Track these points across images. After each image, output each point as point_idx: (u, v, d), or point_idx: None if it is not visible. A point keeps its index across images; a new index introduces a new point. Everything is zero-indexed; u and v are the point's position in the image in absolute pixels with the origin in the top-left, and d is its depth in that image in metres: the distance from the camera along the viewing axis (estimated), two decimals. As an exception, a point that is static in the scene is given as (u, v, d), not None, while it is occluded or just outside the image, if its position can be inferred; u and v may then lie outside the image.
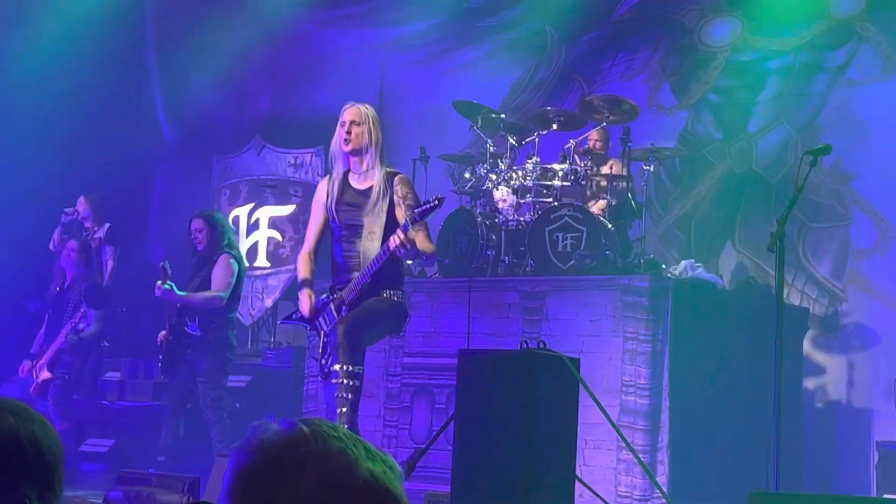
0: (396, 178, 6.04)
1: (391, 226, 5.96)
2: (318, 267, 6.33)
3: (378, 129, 6.11)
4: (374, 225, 5.99)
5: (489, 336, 8.33)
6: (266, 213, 11.47)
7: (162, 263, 7.89)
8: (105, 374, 10.41)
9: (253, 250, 11.44)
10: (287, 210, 11.38)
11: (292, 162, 11.44)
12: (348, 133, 6.03)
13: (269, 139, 11.64)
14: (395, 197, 6.01)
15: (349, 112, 6.09)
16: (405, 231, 5.77)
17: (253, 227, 11.49)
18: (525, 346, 5.18)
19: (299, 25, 11.83)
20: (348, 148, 6.03)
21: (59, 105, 11.17)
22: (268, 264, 11.37)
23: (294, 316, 6.24)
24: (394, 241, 5.76)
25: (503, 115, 9.28)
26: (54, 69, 11.16)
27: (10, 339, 10.21)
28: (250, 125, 12.13)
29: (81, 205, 9.85)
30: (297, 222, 11.24)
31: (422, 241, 5.98)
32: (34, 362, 8.55)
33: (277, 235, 11.38)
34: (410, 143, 10.12)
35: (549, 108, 9.43)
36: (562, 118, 8.94)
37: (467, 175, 9.12)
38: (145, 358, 10.61)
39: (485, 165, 8.92)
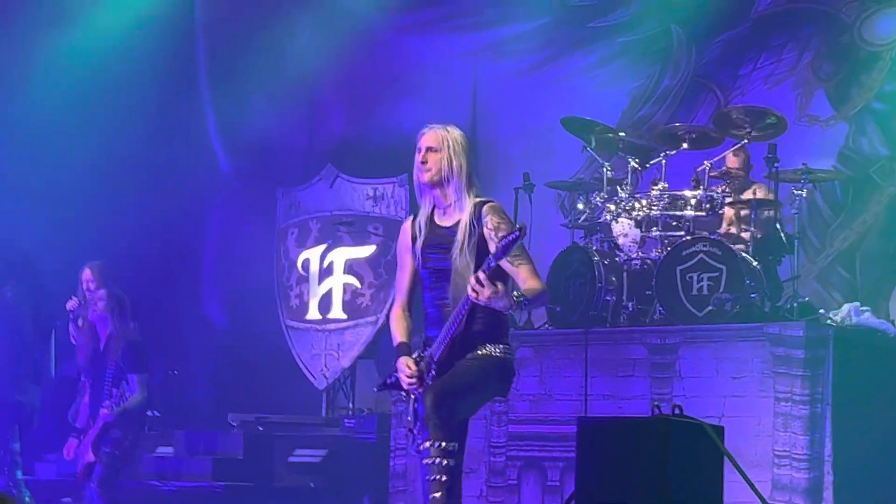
0: (485, 208, 5.99)
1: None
2: (416, 322, 6.27)
3: (463, 154, 6.08)
4: (463, 266, 5.95)
5: (610, 399, 8.34)
6: (341, 255, 11.59)
7: None
8: (155, 449, 10.58)
9: (326, 299, 11.56)
10: (366, 251, 11.49)
11: (371, 194, 11.55)
12: (423, 162, 6.07)
13: (344, 168, 11.78)
14: (485, 230, 5.98)
15: (425, 137, 6.12)
16: (487, 270, 5.73)
17: (326, 273, 11.62)
18: (657, 411, 5.18)
19: (376, 33, 11.98)
20: (425, 179, 6.07)
21: (92, 132, 11.45)
22: (344, 316, 11.47)
23: (389, 381, 6.22)
24: (471, 286, 5.70)
25: (622, 133, 9.30)
26: (86, 89, 11.45)
27: (46, 411, 10.41)
28: (321, 152, 12.29)
29: (87, 276, 9.58)
30: (378, 265, 11.35)
31: (526, 278, 5.90)
32: (81, 439, 8.69)
33: (355, 281, 11.49)
34: (511, 169, 10.18)
35: (677, 123, 9.42)
36: (693, 135, 8.94)
37: (580, 205, 9.15)
38: (203, 429, 10.77)
39: (601, 193, 8.95)
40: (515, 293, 5.77)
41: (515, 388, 8.47)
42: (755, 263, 8.31)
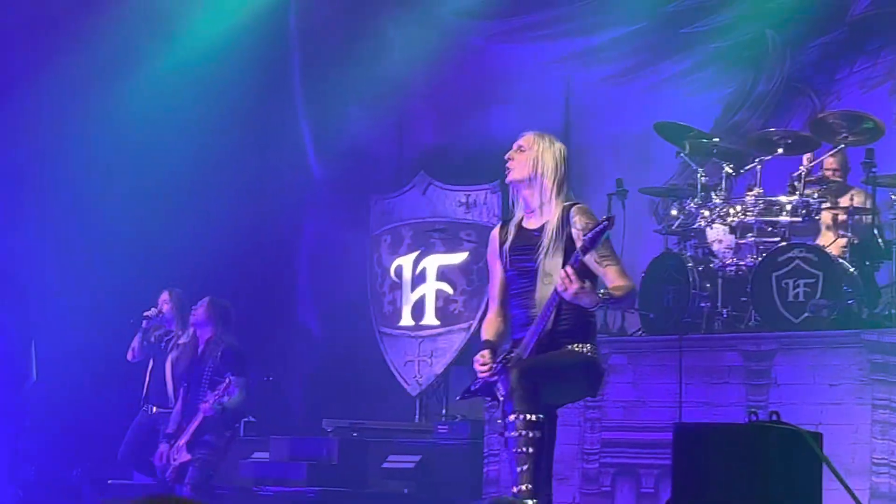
0: (573, 210, 6.02)
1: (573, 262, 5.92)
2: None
3: (553, 159, 6.09)
4: (550, 268, 5.96)
5: (705, 406, 8.30)
6: (434, 261, 11.64)
7: None
8: (251, 455, 10.70)
9: (419, 306, 11.61)
10: (458, 258, 11.53)
11: (463, 201, 11.59)
12: (509, 159, 6.12)
13: (436, 175, 11.83)
14: (573, 231, 5.99)
15: (520, 139, 6.19)
16: (575, 264, 5.73)
17: (419, 279, 11.67)
18: (753, 418, 5.15)
19: (468, 40, 12.03)
20: (508, 177, 6.12)
21: (188, 140, 11.62)
22: (437, 322, 11.52)
23: (472, 387, 6.23)
24: (562, 281, 5.73)
25: (716, 139, 9.26)
26: (183, 98, 11.62)
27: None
28: (413, 159, 12.36)
29: (165, 303, 10.06)
30: (471, 272, 11.38)
31: (614, 278, 5.90)
32: (172, 444, 8.81)
33: (448, 288, 11.53)
34: (604, 176, 10.17)
35: (772, 128, 9.38)
36: (789, 140, 8.87)
37: (674, 212, 9.12)
38: (298, 435, 10.87)
39: (695, 199, 8.92)
40: (602, 290, 5.80)
41: (608, 394, 8.51)
42: (852, 269, 8.24)
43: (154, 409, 9.76)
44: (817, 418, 7.70)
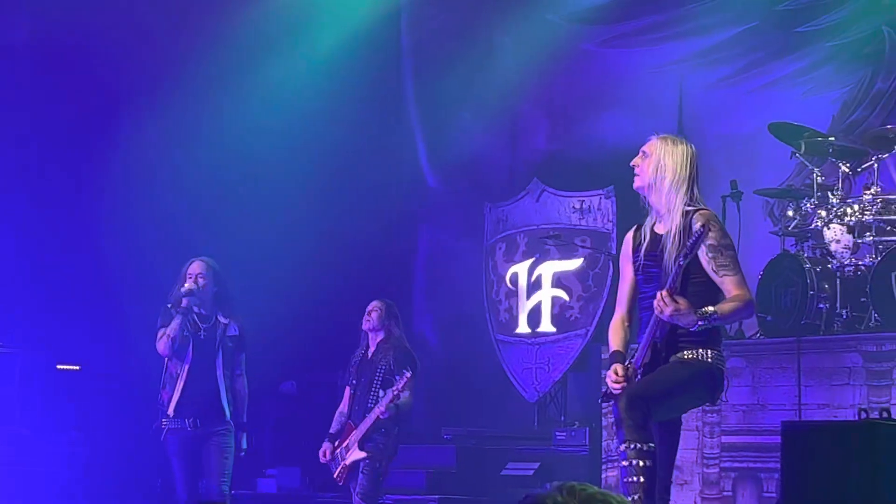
0: (696, 215, 6.05)
1: (695, 272, 5.98)
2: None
3: (675, 161, 6.15)
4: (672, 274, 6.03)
5: (825, 408, 8.31)
6: (549, 268, 11.74)
7: None
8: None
9: (535, 313, 11.74)
10: (573, 264, 11.61)
11: (577, 207, 11.68)
12: (634, 166, 6.22)
13: (549, 181, 11.93)
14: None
15: (645, 144, 6.27)
16: (671, 287, 5.80)
17: (534, 287, 11.79)
18: (863, 415, 5.22)
19: (579, 46, 12.14)
20: (634, 184, 6.20)
21: (303, 152, 11.86)
22: (553, 329, 11.63)
23: (606, 390, 6.30)
24: (657, 304, 5.81)
25: (833, 138, 9.27)
26: (298, 109, 11.87)
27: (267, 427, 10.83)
28: (526, 166, 12.48)
29: (201, 276, 8.38)
30: (586, 278, 11.48)
31: (730, 289, 5.90)
32: (337, 444, 8.89)
33: (563, 295, 11.63)
34: (718, 177, 10.20)
35: (890, 125, 9.34)
36: (906, 137, 8.86)
37: (790, 212, 9.15)
38: (417, 444, 11.04)
39: (811, 200, 8.94)
40: (704, 309, 5.83)
41: (727, 398, 8.56)
42: (974, 267, 8.21)
43: (194, 422, 8.18)
44: (939, 419, 7.70)
